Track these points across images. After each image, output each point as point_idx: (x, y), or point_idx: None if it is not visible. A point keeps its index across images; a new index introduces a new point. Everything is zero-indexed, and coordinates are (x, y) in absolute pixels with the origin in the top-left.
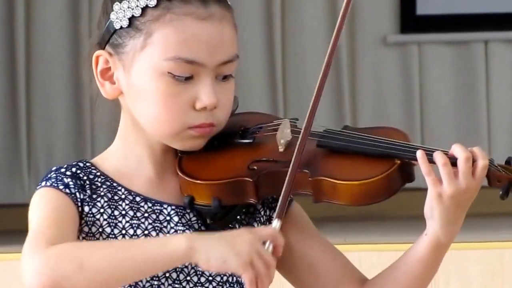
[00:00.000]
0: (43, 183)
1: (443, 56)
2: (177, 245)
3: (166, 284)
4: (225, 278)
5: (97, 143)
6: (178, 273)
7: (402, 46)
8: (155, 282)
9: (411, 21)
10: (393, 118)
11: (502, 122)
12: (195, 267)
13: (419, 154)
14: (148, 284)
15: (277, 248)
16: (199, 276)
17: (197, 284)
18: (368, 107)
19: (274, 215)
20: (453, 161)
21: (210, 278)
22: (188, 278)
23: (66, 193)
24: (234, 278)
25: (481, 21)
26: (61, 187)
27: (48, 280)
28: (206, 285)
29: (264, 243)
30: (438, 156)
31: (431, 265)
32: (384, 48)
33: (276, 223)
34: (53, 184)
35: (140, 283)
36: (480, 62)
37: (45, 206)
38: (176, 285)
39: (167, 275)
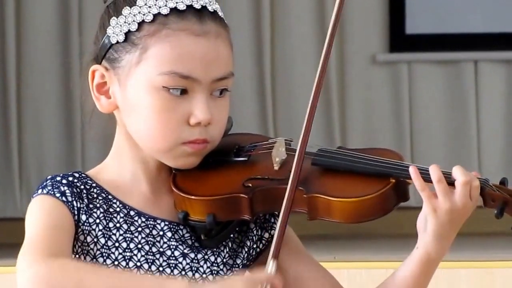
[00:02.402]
0: (39, 191)
1: (432, 75)
2: (179, 285)
3: None
4: None
5: (87, 158)
6: (172, 268)
7: (392, 65)
8: None
9: (400, 40)
10: (383, 137)
11: (492, 141)
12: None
13: (412, 169)
14: None
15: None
16: (193, 272)
17: None
18: (357, 126)
19: (270, 255)
20: (449, 181)
21: (204, 275)
22: (183, 273)
23: (63, 201)
24: None
25: (470, 40)
26: (57, 195)
27: None
28: None
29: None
30: (432, 173)
31: (421, 281)
32: (373, 66)
33: (271, 264)
34: (50, 192)
35: None
36: (470, 81)
37: (42, 214)
38: None
39: (161, 269)
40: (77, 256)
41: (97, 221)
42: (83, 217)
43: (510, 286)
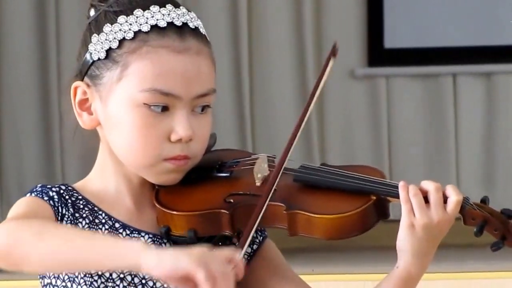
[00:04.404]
0: (28, 194)
1: (411, 89)
2: (134, 245)
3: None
4: None
5: (67, 172)
6: (154, 281)
7: (370, 79)
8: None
9: (379, 54)
10: (361, 151)
11: (471, 155)
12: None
13: (401, 183)
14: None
15: (237, 271)
16: (154, 281)
17: None
18: (336, 139)
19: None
20: (425, 196)
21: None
22: (166, 285)
23: (50, 204)
24: None
25: (449, 54)
26: (45, 198)
27: (4, 242)
28: None
29: None
30: (411, 189)
31: None
32: (352, 81)
33: (241, 252)
34: (38, 194)
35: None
36: (448, 95)
37: (25, 206)
38: None
39: (122, 276)
40: None
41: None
42: (68, 225)
43: None
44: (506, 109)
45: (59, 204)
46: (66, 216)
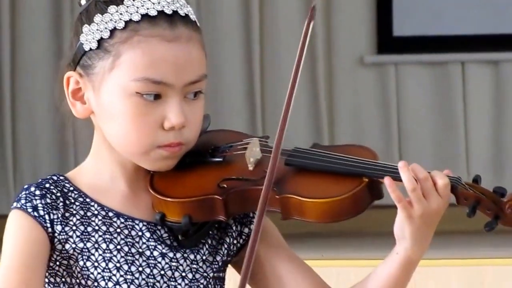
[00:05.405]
0: (14, 204)
1: (420, 77)
2: None
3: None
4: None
5: (80, 153)
6: (152, 268)
7: (379, 67)
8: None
9: (387, 42)
10: (371, 138)
11: (480, 141)
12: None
13: (388, 182)
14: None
15: None
16: (173, 270)
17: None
18: (346, 127)
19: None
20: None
21: (184, 274)
22: (162, 272)
23: (35, 217)
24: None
25: (457, 42)
26: (29, 210)
27: None
28: (179, 281)
29: None
30: (407, 182)
31: (401, 282)
32: (361, 68)
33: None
34: (23, 206)
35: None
36: (457, 82)
37: (16, 238)
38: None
39: (140, 269)
40: (57, 263)
41: (74, 228)
42: (59, 227)
43: (499, 284)
44: None
45: (44, 212)
46: (56, 220)
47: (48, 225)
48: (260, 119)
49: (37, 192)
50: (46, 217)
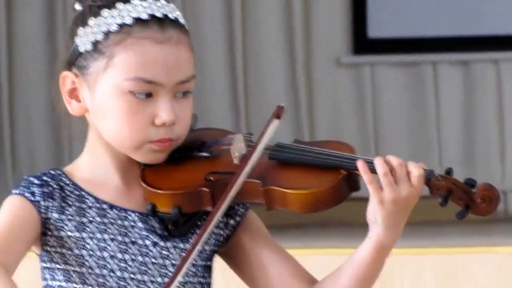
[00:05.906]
0: (14, 190)
1: (394, 76)
2: None
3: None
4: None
5: (74, 150)
6: (144, 256)
7: (355, 67)
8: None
9: (363, 43)
10: (349, 134)
11: (452, 138)
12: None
13: (360, 163)
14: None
15: None
16: (164, 259)
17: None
18: (324, 124)
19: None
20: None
21: (174, 262)
22: (154, 260)
23: (31, 200)
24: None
25: (429, 43)
26: (27, 194)
27: None
28: (170, 268)
29: None
30: (379, 166)
31: (374, 267)
32: (338, 68)
33: None
34: (21, 192)
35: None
36: (429, 82)
37: (7, 213)
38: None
39: (133, 257)
40: (53, 248)
41: (69, 217)
42: (55, 215)
43: (472, 271)
44: (483, 95)
45: (40, 198)
46: (52, 208)
47: (43, 210)
48: (244, 118)
49: (36, 182)
50: (42, 203)
